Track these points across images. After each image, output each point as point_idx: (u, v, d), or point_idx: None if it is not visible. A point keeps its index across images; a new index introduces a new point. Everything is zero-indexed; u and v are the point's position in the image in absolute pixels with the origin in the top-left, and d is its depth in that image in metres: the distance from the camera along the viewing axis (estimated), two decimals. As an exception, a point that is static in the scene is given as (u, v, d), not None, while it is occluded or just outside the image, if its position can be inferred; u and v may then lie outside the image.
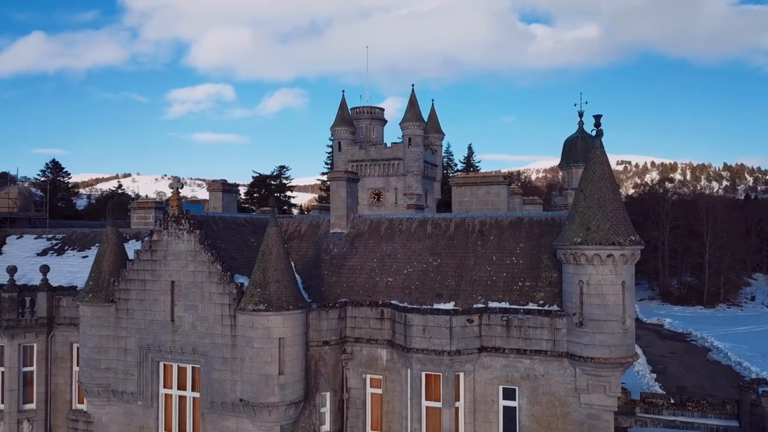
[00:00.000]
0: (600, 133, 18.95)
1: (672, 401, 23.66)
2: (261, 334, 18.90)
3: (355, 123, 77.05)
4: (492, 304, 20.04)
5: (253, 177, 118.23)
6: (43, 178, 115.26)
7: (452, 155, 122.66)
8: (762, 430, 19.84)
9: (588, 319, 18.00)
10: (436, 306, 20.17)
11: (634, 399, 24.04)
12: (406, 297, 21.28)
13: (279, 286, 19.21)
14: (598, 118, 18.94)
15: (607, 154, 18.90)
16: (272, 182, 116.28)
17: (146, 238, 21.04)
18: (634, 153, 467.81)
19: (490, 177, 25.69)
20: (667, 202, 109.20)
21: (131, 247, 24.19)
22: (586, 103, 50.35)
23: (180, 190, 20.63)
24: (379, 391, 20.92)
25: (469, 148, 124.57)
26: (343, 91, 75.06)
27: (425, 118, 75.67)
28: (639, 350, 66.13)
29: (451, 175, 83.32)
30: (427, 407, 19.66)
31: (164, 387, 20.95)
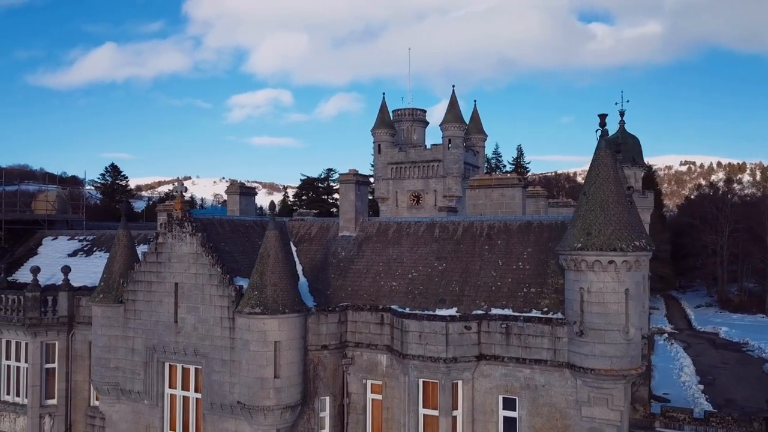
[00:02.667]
0: (605, 133, 18.09)
1: (694, 416, 22.33)
2: (257, 337, 18.92)
3: (397, 125, 76.86)
4: (494, 311, 19.45)
5: (301, 180, 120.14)
6: (102, 182, 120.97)
7: (501, 156, 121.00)
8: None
9: (588, 329, 17.17)
10: (438, 312, 19.74)
11: (654, 413, 22.82)
12: (409, 302, 20.91)
13: (276, 290, 19.19)
14: (602, 117, 18.08)
15: (611, 155, 18.01)
16: (320, 185, 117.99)
17: (152, 241, 21.45)
18: (698, 153, 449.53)
19: (505, 179, 24.98)
20: (727, 204, 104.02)
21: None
22: (627, 101, 48.37)
23: (184, 194, 20.93)
24: (379, 396, 20.61)
25: (518, 149, 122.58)
26: (384, 94, 74.96)
27: (468, 119, 74.84)
28: (689, 360, 63.22)
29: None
30: (424, 415, 19.24)
31: (169, 387, 21.29)
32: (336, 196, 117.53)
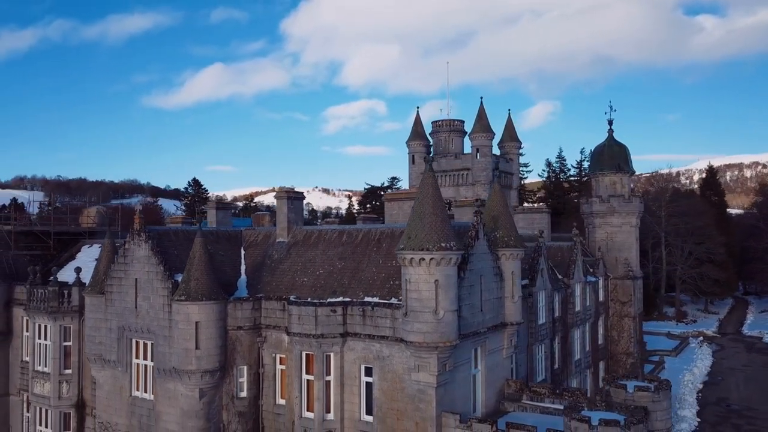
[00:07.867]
0: (427, 160, 22.81)
1: (555, 391, 26.17)
2: (183, 318, 25.22)
3: (435, 136, 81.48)
4: (367, 298, 24.65)
5: (365, 189, 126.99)
6: (186, 194, 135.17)
7: (565, 160, 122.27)
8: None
9: (410, 310, 22.02)
10: (330, 300, 25.18)
11: (522, 388, 26.85)
12: (312, 293, 26.47)
13: (198, 283, 25.41)
14: (428, 146, 22.80)
15: (435, 177, 22.72)
16: (382, 193, 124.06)
17: (121, 247, 28.34)
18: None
19: (413, 193, 29.86)
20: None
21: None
22: (615, 111, 51.36)
23: (139, 210, 27.66)
24: (284, 367, 26.27)
25: (582, 152, 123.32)
26: (418, 107, 79.81)
27: (503, 128, 78.81)
28: (708, 362, 63.34)
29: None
30: (307, 380, 24.74)
31: (135, 357, 28.04)
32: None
